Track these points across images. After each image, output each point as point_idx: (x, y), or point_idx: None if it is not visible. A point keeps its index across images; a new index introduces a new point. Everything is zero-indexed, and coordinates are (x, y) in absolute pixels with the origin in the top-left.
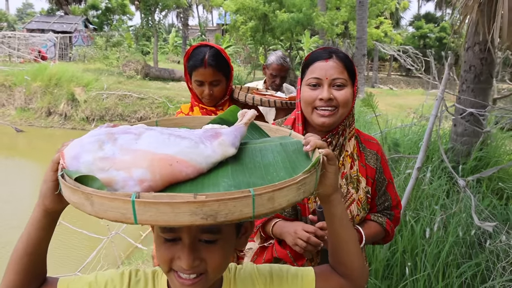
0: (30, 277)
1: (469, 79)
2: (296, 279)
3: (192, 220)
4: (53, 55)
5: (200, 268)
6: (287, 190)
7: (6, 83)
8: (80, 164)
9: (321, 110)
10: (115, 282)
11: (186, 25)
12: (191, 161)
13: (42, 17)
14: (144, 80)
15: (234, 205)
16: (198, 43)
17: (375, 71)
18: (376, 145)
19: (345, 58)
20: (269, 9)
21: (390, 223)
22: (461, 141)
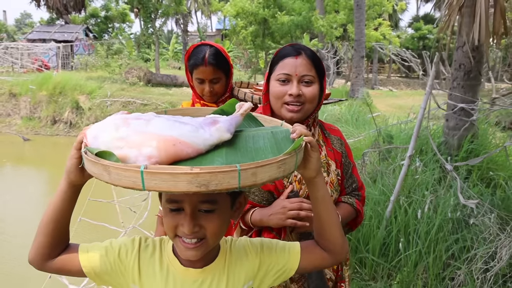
0: (55, 241)
1: (459, 76)
2: (284, 251)
3: (189, 187)
4: (55, 64)
5: (200, 233)
6: (269, 167)
7: (11, 93)
8: (99, 142)
9: (290, 105)
10: (128, 246)
11: (185, 31)
12: (191, 142)
13: (42, 27)
14: (146, 87)
15: (223, 177)
16: (199, 42)
17: (374, 73)
18: (338, 131)
19: (313, 56)
20: (268, 14)
21: (359, 202)
22: (453, 135)
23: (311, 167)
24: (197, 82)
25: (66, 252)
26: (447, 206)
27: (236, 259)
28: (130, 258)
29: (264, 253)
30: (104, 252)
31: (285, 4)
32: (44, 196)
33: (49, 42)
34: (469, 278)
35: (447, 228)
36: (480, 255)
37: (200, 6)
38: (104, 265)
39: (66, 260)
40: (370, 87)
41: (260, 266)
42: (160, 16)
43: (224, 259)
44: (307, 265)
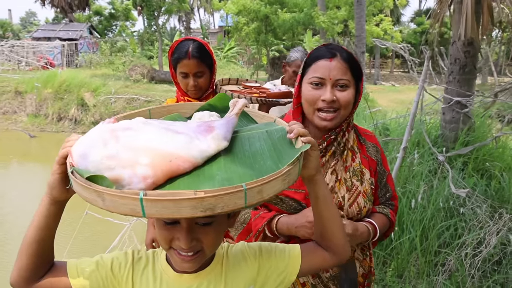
0: (39, 261)
1: (454, 71)
2: (283, 254)
3: (193, 213)
4: (60, 62)
5: (197, 247)
6: (274, 182)
7: (17, 91)
8: (88, 163)
9: (323, 113)
10: (120, 259)
11: (188, 28)
12: (187, 156)
13: (47, 25)
14: (150, 84)
15: (229, 198)
16: (182, 37)
17: (377, 68)
18: (374, 137)
19: (350, 58)
20: (270, 10)
21: (393, 213)
22: (449, 128)
23: (310, 166)
24: (181, 77)
25: (52, 272)
26: (440, 196)
27: (234, 264)
28: (123, 271)
29: (263, 257)
30: (95, 267)
31: (287, 1)
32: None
33: (54, 40)
34: (459, 263)
35: (439, 216)
36: (470, 241)
37: (202, 3)
38: (96, 280)
39: (53, 281)
40: (373, 82)
41: (260, 270)
42: (163, 14)
43: (221, 264)
44: (308, 267)
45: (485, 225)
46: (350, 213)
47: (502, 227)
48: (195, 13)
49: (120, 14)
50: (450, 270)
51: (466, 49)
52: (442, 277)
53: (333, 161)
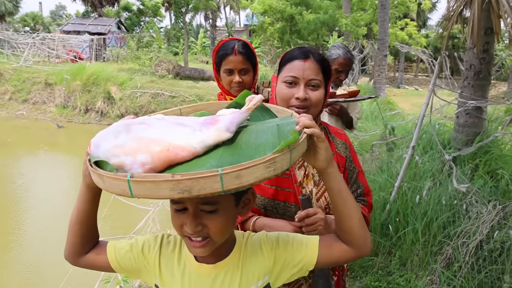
0: (83, 240)
1: (469, 76)
2: (301, 245)
3: (171, 194)
4: (88, 55)
5: (203, 232)
6: (255, 168)
7: (47, 82)
8: (100, 151)
9: (295, 108)
10: (150, 242)
11: (214, 26)
12: (186, 145)
13: (77, 19)
14: (175, 79)
15: (205, 182)
16: (227, 38)
17: (401, 71)
18: (344, 135)
19: (321, 60)
20: (296, 11)
21: (365, 208)
22: (462, 131)
23: (320, 158)
24: (226, 74)
25: (96, 249)
26: (444, 192)
27: (250, 254)
28: (152, 253)
29: (280, 247)
30: (129, 248)
31: (312, 2)
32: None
33: (84, 34)
34: (456, 252)
35: (442, 211)
36: (466, 231)
37: (229, 1)
38: (129, 260)
39: (96, 257)
40: (396, 86)
41: (276, 261)
42: (190, 11)
43: (239, 254)
44: (326, 259)
45: (479, 215)
46: (318, 207)
47: (494, 216)
48: (221, 11)
49: (148, 10)
50: (449, 258)
51: (481, 56)
52: (440, 265)
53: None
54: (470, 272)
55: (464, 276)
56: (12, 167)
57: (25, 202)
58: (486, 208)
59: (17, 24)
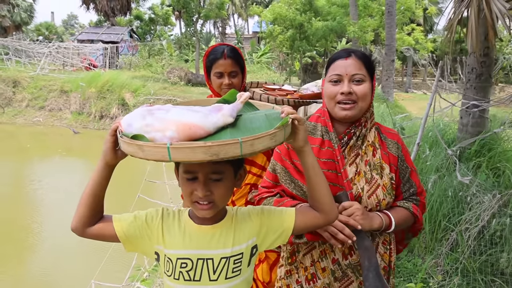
0: (94, 211)
1: (471, 79)
2: (281, 213)
3: (204, 157)
4: (101, 63)
5: (211, 197)
6: (263, 139)
7: (62, 90)
8: (132, 129)
9: (342, 104)
10: (153, 213)
11: (223, 33)
12: (203, 125)
13: (91, 28)
14: (187, 86)
15: (229, 147)
16: (216, 43)
17: (409, 76)
18: (396, 135)
19: (363, 56)
20: (305, 19)
21: (416, 208)
22: (466, 131)
23: (299, 138)
24: (216, 77)
25: (102, 221)
26: (449, 185)
27: (241, 219)
28: (155, 222)
29: (264, 215)
30: (133, 219)
31: (321, 9)
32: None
33: (97, 42)
34: (459, 237)
35: (446, 201)
36: (468, 219)
37: (237, 9)
38: (133, 230)
39: (103, 227)
40: (404, 90)
41: (261, 225)
42: (201, 19)
43: (231, 219)
44: (301, 224)
45: (481, 204)
46: (369, 204)
47: (494, 205)
48: (230, 18)
49: (159, 19)
50: (453, 243)
51: (482, 60)
52: (445, 249)
53: (353, 154)
54: (472, 255)
55: (466, 258)
56: (32, 171)
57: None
58: (487, 198)
59: (32, 34)
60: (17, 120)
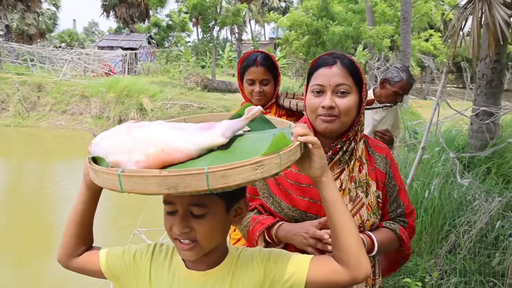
0: (79, 240)
1: (482, 85)
2: (292, 261)
3: (159, 189)
4: (120, 69)
5: (191, 235)
6: (242, 169)
7: (83, 95)
8: (99, 149)
9: (322, 117)
10: (143, 250)
11: (240, 40)
12: (179, 147)
13: (111, 35)
14: (203, 92)
15: (190, 179)
16: (251, 50)
17: (427, 83)
18: (385, 149)
19: (350, 64)
20: (321, 24)
21: (404, 230)
22: (476, 137)
23: (315, 166)
24: (248, 84)
25: (88, 253)
26: (451, 188)
27: (241, 266)
28: (143, 260)
29: (270, 261)
30: (121, 254)
31: (337, 16)
32: None
33: (117, 49)
34: (459, 239)
35: (448, 204)
36: (468, 220)
37: (254, 15)
38: (120, 266)
39: (87, 260)
40: (422, 97)
41: (266, 274)
42: (217, 25)
43: (230, 265)
44: (316, 278)
45: (480, 207)
46: None
47: (493, 207)
48: (247, 24)
49: (176, 26)
50: (453, 244)
51: (493, 66)
52: (444, 250)
53: (337, 170)
54: (472, 256)
55: (466, 259)
56: (55, 172)
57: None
58: (487, 200)
59: (55, 41)
60: (41, 124)
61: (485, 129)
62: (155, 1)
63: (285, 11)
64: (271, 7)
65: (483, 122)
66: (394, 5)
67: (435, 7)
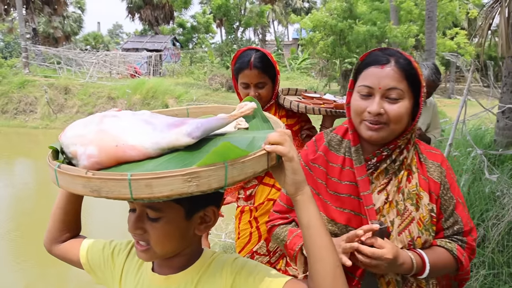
0: (63, 226)
1: (508, 83)
2: (264, 281)
3: (84, 191)
4: (145, 71)
5: (143, 238)
6: (170, 179)
7: (109, 96)
8: (63, 138)
9: (369, 123)
10: (122, 246)
11: (263, 40)
12: (136, 144)
13: (136, 37)
14: (228, 92)
15: (113, 184)
16: (246, 47)
17: (452, 82)
18: (440, 156)
19: (406, 65)
20: (345, 25)
21: (462, 251)
22: (502, 134)
23: (286, 181)
24: (242, 87)
25: (72, 241)
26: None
27: (209, 275)
28: (120, 257)
29: (241, 276)
30: (102, 248)
31: (361, 16)
32: None
33: (142, 51)
34: (488, 232)
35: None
36: (496, 214)
37: (277, 16)
38: (98, 260)
39: (69, 248)
40: (447, 96)
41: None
42: (241, 26)
43: (197, 271)
44: None
45: (508, 201)
46: (399, 242)
47: None
48: (270, 25)
49: (201, 27)
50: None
51: None
52: None
53: (384, 180)
54: (500, 249)
55: (493, 252)
56: None
57: None
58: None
59: (80, 43)
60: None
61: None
62: (180, 2)
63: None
64: (294, 8)
65: (510, 119)
66: (419, 4)
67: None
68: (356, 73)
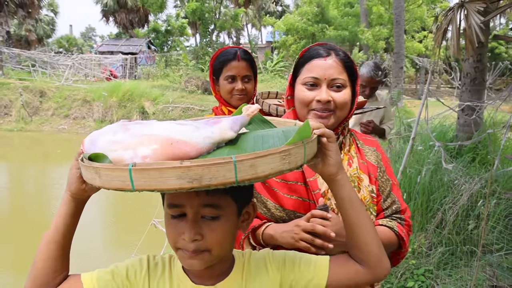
0: (57, 266)
1: (466, 83)
2: (309, 265)
3: (180, 183)
4: (121, 74)
5: (201, 244)
6: (270, 158)
7: (85, 99)
8: (96, 148)
9: (317, 113)
10: (135, 266)
11: (238, 43)
12: (190, 140)
13: (111, 40)
14: (204, 94)
15: (217, 170)
16: (225, 46)
17: (421, 83)
18: (374, 142)
19: (345, 57)
20: (317, 29)
21: (402, 228)
22: (463, 130)
23: (329, 162)
24: (227, 81)
25: (66, 283)
26: (440, 173)
27: (255, 275)
28: (139, 278)
29: (286, 267)
30: (111, 276)
31: (332, 20)
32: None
33: (117, 54)
34: (444, 215)
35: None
36: (452, 198)
37: (251, 19)
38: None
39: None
40: (417, 98)
41: (282, 282)
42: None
43: (241, 274)
44: (337, 281)
45: (463, 187)
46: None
47: (473, 186)
48: (244, 28)
49: (175, 31)
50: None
51: (475, 65)
52: (433, 226)
53: None
54: (457, 230)
55: (450, 232)
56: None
57: None
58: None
59: (53, 46)
60: (43, 128)
61: (471, 123)
62: (156, 7)
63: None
64: (268, 11)
65: (469, 116)
66: (389, 8)
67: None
68: (297, 68)
